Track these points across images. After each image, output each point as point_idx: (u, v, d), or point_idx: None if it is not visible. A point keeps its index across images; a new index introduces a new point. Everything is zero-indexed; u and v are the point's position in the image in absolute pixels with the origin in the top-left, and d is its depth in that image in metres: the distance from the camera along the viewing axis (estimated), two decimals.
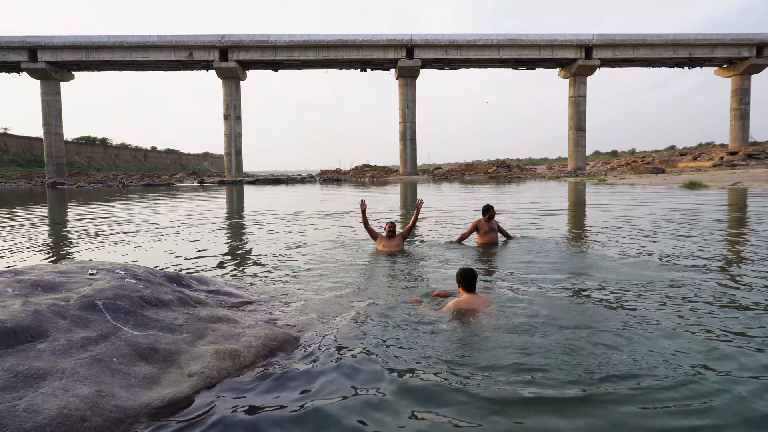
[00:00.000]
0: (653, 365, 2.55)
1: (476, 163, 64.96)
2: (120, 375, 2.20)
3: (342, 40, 39.65)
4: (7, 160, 57.24)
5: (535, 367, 2.53)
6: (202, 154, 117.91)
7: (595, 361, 2.60)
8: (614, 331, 3.05)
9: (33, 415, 1.77)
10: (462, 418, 2.10)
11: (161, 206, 15.82)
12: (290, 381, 2.46)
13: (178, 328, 2.74)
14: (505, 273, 4.86)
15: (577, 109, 41.81)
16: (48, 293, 2.72)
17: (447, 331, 3.10)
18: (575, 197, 17.48)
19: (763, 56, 40.11)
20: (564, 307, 3.60)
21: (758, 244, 6.25)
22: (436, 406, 2.20)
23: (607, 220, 9.31)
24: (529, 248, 6.31)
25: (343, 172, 50.05)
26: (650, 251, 5.92)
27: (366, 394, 2.33)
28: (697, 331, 3.06)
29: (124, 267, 3.40)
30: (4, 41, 38.25)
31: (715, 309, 3.52)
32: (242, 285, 4.46)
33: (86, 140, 76.19)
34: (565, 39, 39.75)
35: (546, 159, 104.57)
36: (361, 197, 10.61)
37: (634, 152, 75.14)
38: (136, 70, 43.20)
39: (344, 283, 4.55)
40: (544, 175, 42.14)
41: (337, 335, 3.08)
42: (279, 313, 3.51)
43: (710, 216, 9.59)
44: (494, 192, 21.45)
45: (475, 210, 11.39)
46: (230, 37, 39.45)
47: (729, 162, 36.68)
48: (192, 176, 48.16)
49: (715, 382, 2.37)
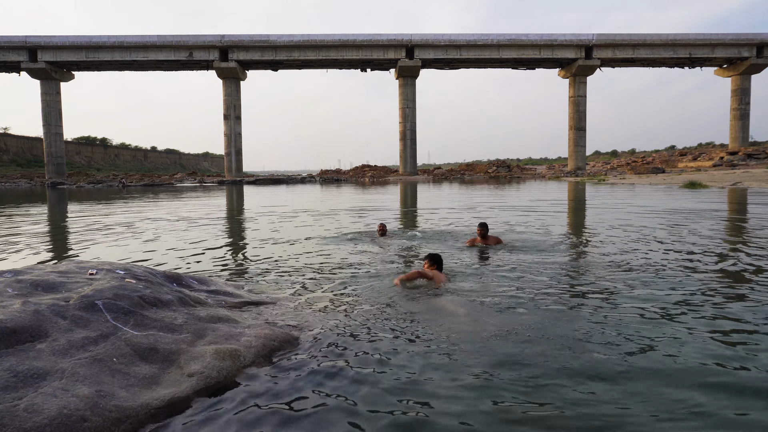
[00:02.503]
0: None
1: (476, 163, 65.00)
2: (120, 375, 2.20)
3: (342, 40, 39.66)
4: (7, 160, 57.25)
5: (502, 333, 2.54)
6: (202, 154, 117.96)
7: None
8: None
9: (33, 415, 1.77)
10: (466, 420, 2.10)
11: (161, 206, 15.82)
12: (290, 381, 2.46)
13: (178, 328, 2.74)
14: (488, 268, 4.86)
15: (577, 109, 41.82)
16: (48, 293, 2.71)
17: (440, 324, 3.11)
18: (575, 197, 17.48)
19: (763, 56, 40.12)
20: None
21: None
22: (437, 405, 2.20)
23: (604, 220, 9.31)
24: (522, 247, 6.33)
25: (343, 172, 50.06)
26: (644, 251, 5.93)
27: (366, 393, 2.33)
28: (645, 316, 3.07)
29: (124, 267, 3.40)
30: (4, 41, 38.26)
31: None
32: (242, 285, 4.46)
33: (86, 140, 76.19)
34: (565, 39, 39.76)
35: (546, 159, 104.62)
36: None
37: (634, 152, 75.19)
38: (136, 70, 43.21)
39: (344, 282, 4.55)
40: (544, 175, 42.15)
41: (337, 335, 3.08)
42: (279, 313, 3.51)
43: (710, 215, 9.59)
44: (494, 191, 21.45)
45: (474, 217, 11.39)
46: (230, 37, 39.46)
47: (729, 162, 36.68)
48: (192, 176, 48.16)
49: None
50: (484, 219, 8.81)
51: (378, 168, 47.82)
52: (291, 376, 2.51)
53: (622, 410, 2.13)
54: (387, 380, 2.46)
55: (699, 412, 2.11)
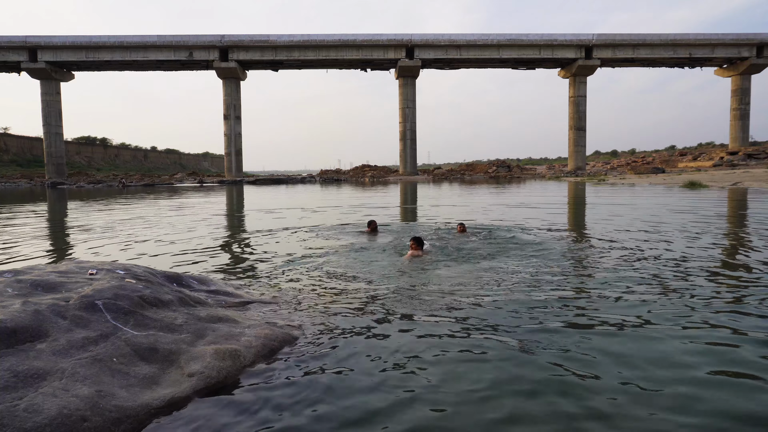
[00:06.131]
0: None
1: (476, 163, 65.01)
2: (120, 375, 2.20)
3: (342, 40, 39.67)
4: (7, 160, 57.25)
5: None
6: (202, 154, 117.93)
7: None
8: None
9: (33, 415, 1.77)
10: (462, 422, 2.10)
11: (161, 206, 15.82)
12: (290, 381, 2.46)
13: (178, 328, 2.74)
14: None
15: (577, 109, 41.83)
16: (48, 293, 2.72)
17: (440, 323, 3.11)
18: (575, 197, 17.48)
19: (763, 56, 40.13)
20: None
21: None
22: (439, 405, 2.20)
23: (601, 219, 9.32)
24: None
25: (343, 172, 50.07)
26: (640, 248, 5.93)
27: (366, 393, 2.33)
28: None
29: (124, 267, 3.40)
30: (4, 41, 38.27)
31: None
32: (242, 285, 4.46)
33: (86, 140, 76.18)
34: (565, 39, 39.77)
35: (546, 159, 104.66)
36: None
37: (634, 152, 75.20)
38: (136, 70, 43.22)
39: (344, 281, 4.55)
40: (544, 175, 42.16)
41: (337, 334, 3.09)
42: (279, 313, 3.51)
43: (709, 214, 9.59)
44: (494, 191, 21.46)
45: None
46: (230, 37, 39.46)
47: (729, 162, 36.70)
48: (192, 176, 48.17)
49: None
50: (462, 219, 9.05)
51: (378, 168, 47.83)
52: (291, 376, 2.51)
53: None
54: (387, 380, 2.46)
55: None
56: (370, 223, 7.85)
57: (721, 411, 2.11)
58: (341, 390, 2.36)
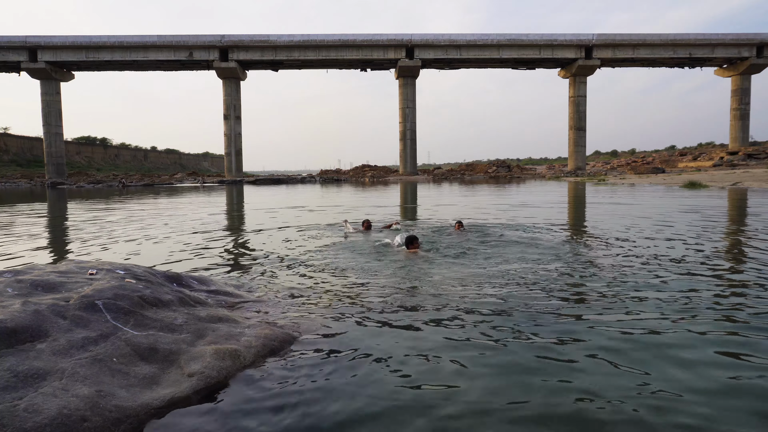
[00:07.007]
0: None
1: (476, 163, 65.01)
2: (120, 375, 2.20)
3: (342, 40, 39.67)
4: (7, 160, 57.25)
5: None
6: (202, 154, 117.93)
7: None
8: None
9: (33, 415, 1.77)
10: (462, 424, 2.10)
11: (161, 206, 15.82)
12: (290, 381, 2.45)
13: (178, 328, 2.74)
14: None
15: (577, 109, 41.84)
16: (48, 293, 2.71)
17: (440, 321, 3.11)
18: (575, 197, 17.48)
19: (763, 56, 40.15)
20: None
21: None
22: (440, 406, 2.20)
23: (601, 218, 9.32)
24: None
25: (343, 172, 50.07)
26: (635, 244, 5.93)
27: (367, 393, 2.32)
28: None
29: (124, 267, 3.40)
30: (4, 41, 38.28)
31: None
32: (242, 285, 4.45)
33: (86, 140, 76.19)
34: (565, 39, 39.78)
35: (546, 159, 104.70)
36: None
37: (634, 152, 75.22)
38: (136, 70, 43.23)
39: (344, 281, 4.55)
40: (544, 175, 42.16)
41: (337, 334, 3.08)
42: (279, 313, 3.51)
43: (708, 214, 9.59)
44: (494, 191, 21.45)
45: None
46: (230, 37, 39.47)
47: (729, 162, 36.71)
48: (192, 176, 48.18)
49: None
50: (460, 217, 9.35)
51: (378, 168, 47.84)
52: (291, 376, 2.51)
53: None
54: (388, 379, 2.45)
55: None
56: (364, 222, 8.20)
57: (736, 407, 2.11)
58: (342, 390, 2.36)
